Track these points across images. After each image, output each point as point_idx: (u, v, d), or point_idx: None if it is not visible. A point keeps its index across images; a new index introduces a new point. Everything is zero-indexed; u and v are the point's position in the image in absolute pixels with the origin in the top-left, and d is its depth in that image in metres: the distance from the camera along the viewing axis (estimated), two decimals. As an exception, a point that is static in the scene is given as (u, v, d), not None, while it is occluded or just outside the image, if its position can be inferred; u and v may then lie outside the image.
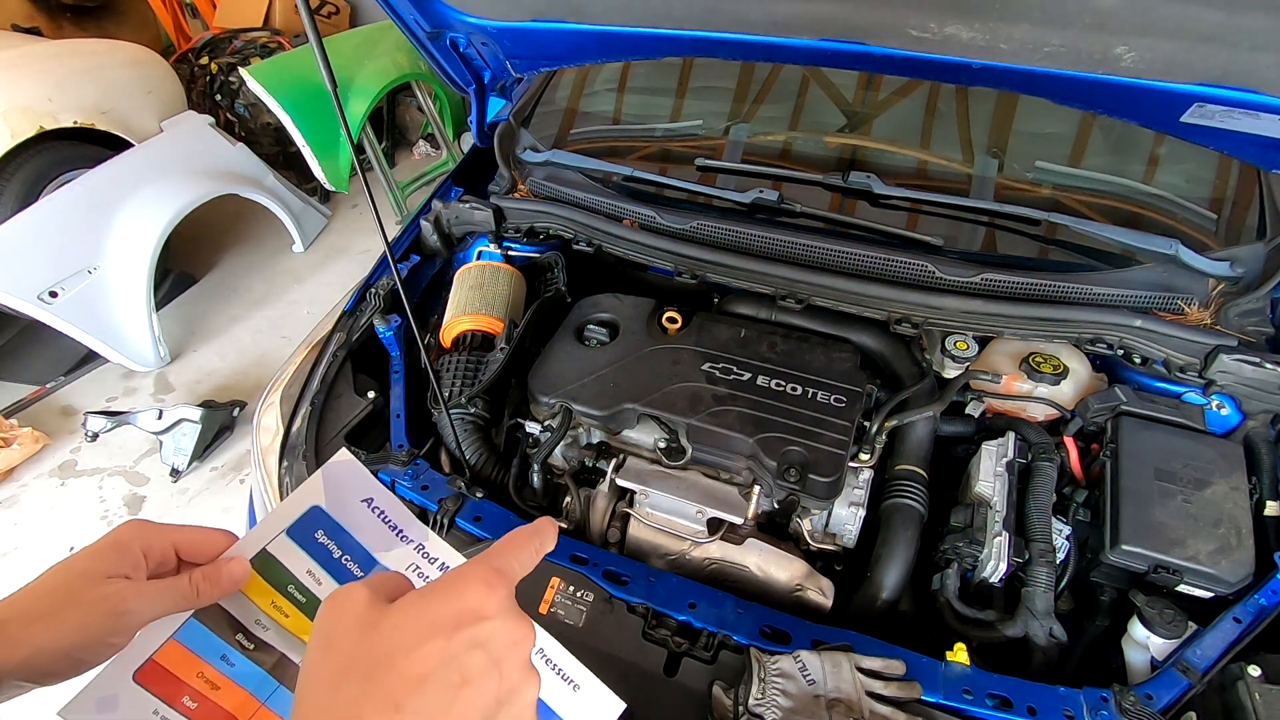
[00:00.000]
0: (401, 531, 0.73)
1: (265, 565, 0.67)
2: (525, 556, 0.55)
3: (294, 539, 0.69)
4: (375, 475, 0.75)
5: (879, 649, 0.98)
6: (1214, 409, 1.27)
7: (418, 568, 0.72)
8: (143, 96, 3.56)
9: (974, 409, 1.36)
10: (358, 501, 0.73)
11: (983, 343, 1.39)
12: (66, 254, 2.98)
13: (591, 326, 1.42)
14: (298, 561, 0.68)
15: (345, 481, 0.73)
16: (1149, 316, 1.27)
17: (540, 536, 0.57)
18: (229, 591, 0.64)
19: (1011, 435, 1.26)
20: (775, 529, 1.26)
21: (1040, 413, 1.34)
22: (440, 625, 0.46)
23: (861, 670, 0.93)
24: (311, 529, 0.70)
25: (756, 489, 1.18)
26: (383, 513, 0.74)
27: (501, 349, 1.42)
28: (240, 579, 0.64)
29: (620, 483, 1.22)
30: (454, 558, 0.73)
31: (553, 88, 1.87)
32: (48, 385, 3.27)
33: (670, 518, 1.19)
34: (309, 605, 0.68)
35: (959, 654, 0.98)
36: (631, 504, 1.23)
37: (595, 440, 1.32)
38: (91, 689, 0.58)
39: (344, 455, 0.75)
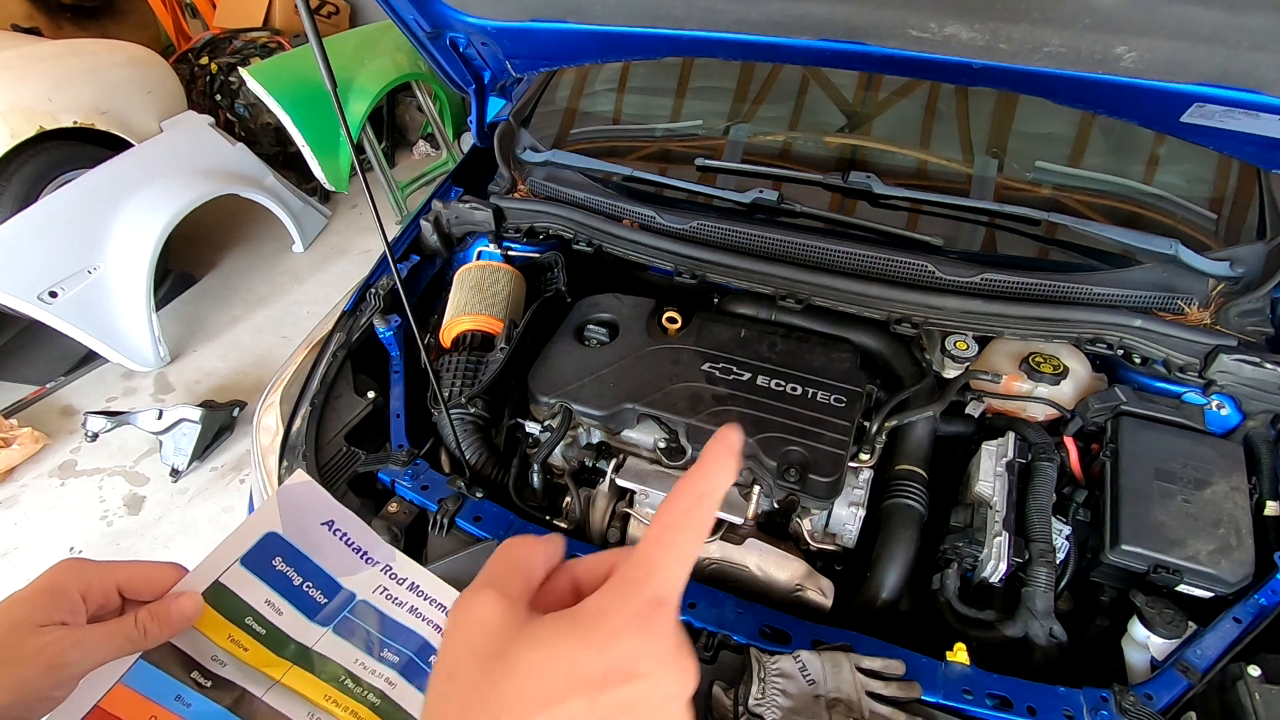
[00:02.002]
0: (366, 553, 0.70)
1: (219, 598, 0.63)
2: (689, 548, 0.41)
3: (249, 568, 0.65)
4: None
5: (879, 649, 0.98)
6: (1214, 409, 1.27)
7: (385, 590, 0.69)
8: (143, 96, 3.56)
9: (974, 409, 1.36)
10: (317, 525, 0.69)
11: (983, 343, 1.39)
12: (66, 254, 2.98)
13: (591, 326, 1.41)
14: (255, 592, 0.64)
15: (302, 504, 0.69)
16: (1149, 316, 1.27)
17: (692, 535, 0.42)
18: (179, 629, 0.59)
19: (1011, 435, 1.26)
20: (775, 529, 1.26)
21: (1040, 413, 1.34)
22: (584, 681, 0.37)
23: (861, 670, 0.93)
24: (268, 556, 0.66)
25: (756, 489, 1.18)
26: (345, 535, 0.70)
27: (501, 349, 1.42)
28: (191, 615, 0.60)
29: (620, 483, 1.22)
30: (424, 577, 0.70)
31: (553, 88, 1.87)
32: (48, 385, 3.27)
33: (670, 518, 1.18)
34: (270, 637, 0.64)
35: (959, 654, 0.98)
36: (631, 504, 1.23)
37: (595, 440, 1.32)
38: None
39: (300, 477, 0.71)
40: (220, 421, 2.91)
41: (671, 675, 0.39)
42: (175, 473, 2.82)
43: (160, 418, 2.81)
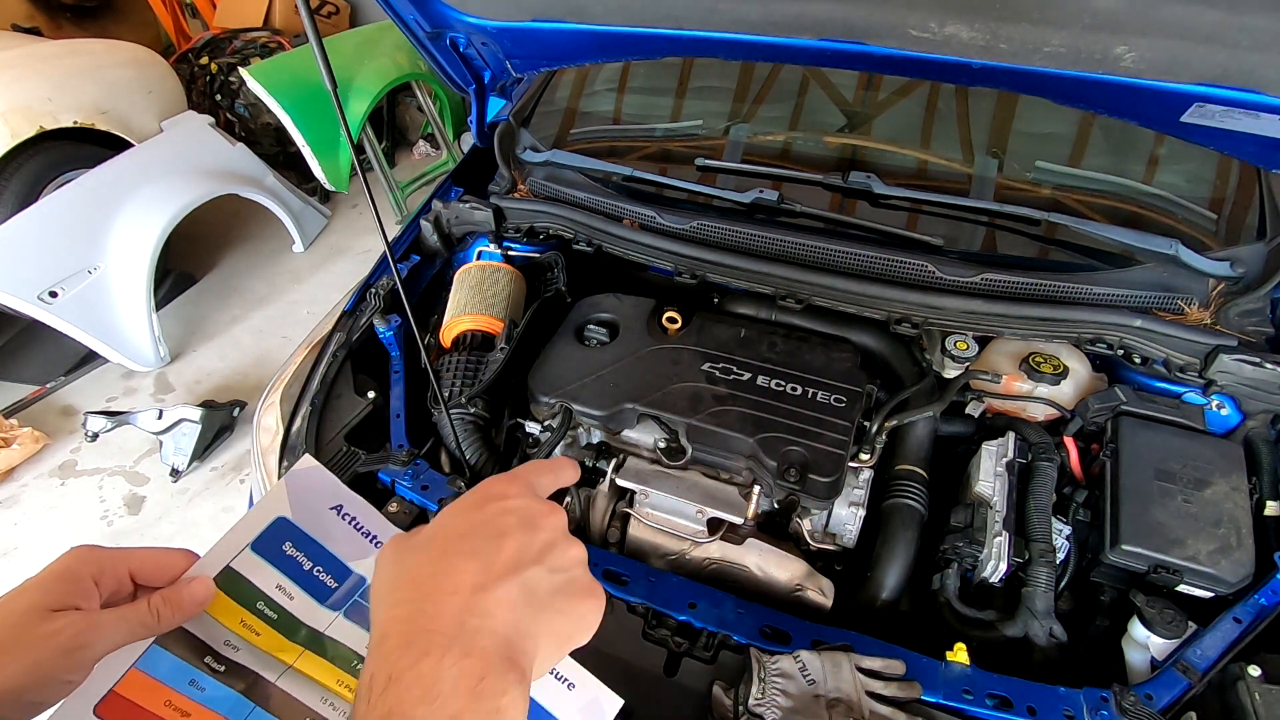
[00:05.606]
0: (375, 537, 0.70)
1: (230, 583, 0.63)
2: (543, 480, 0.59)
3: (260, 553, 0.65)
4: (344, 480, 0.71)
5: (879, 649, 0.98)
6: (1214, 409, 1.27)
7: None
8: (143, 96, 3.56)
9: (974, 409, 1.36)
10: (326, 509, 0.69)
11: (983, 343, 1.39)
12: (66, 254, 2.97)
13: (591, 326, 1.41)
14: (266, 577, 0.65)
15: (311, 489, 0.69)
16: (1149, 316, 1.27)
17: (556, 472, 0.61)
18: (192, 614, 0.60)
19: (1011, 435, 1.26)
20: (775, 529, 1.26)
21: (1040, 413, 1.34)
22: (468, 505, 0.54)
23: (861, 670, 0.93)
24: (278, 541, 0.66)
25: (756, 489, 1.18)
26: (354, 519, 0.70)
27: (501, 349, 1.42)
28: (204, 600, 0.60)
29: (620, 483, 1.22)
30: None
31: (553, 88, 1.87)
32: (48, 385, 3.26)
33: (670, 518, 1.18)
34: (282, 622, 0.64)
35: (959, 654, 0.98)
36: (631, 504, 1.23)
37: (595, 440, 1.32)
38: None
39: (307, 462, 0.71)
40: (220, 421, 2.90)
41: (540, 501, 0.56)
42: (175, 473, 2.82)
43: (160, 418, 2.81)
